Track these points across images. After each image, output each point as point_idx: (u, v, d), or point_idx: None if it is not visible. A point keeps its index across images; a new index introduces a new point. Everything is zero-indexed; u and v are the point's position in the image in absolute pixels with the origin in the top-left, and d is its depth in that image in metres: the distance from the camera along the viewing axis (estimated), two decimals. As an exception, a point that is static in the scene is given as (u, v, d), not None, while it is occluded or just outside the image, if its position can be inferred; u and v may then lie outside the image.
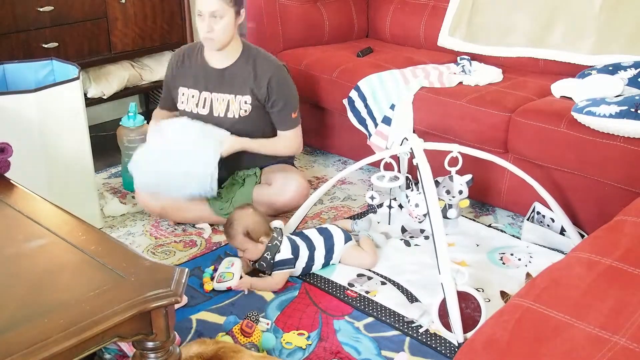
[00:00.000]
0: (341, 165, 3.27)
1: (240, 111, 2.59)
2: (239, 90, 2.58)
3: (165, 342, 1.41)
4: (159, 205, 2.61)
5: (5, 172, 1.96)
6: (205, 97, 2.62)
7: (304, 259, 2.32)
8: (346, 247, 2.39)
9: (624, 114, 2.21)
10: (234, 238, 2.30)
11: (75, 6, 3.25)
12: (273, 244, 2.29)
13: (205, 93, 2.62)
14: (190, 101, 2.64)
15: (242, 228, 2.28)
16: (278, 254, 2.28)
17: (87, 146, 2.57)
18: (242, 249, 2.31)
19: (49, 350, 1.21)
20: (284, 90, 2.60)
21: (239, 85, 2.58)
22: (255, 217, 2.31)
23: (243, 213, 2.32)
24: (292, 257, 2.29)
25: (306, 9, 3.37)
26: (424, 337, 2.04)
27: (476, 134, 2.61)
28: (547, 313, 1.34)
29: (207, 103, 2.61)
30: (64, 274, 1.47)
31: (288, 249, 2.30)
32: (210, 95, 2.61)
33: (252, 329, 1.96)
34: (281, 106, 2.60)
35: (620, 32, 2.72)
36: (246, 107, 2.59)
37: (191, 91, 2.64)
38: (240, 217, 2.30)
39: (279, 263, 2.28)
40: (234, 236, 2.29)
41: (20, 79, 2.63)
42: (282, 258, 2.28)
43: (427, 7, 3.35)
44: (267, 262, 2.29)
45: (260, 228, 2.29)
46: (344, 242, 2.39)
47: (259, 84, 2.56)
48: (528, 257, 2.43)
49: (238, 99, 2.58)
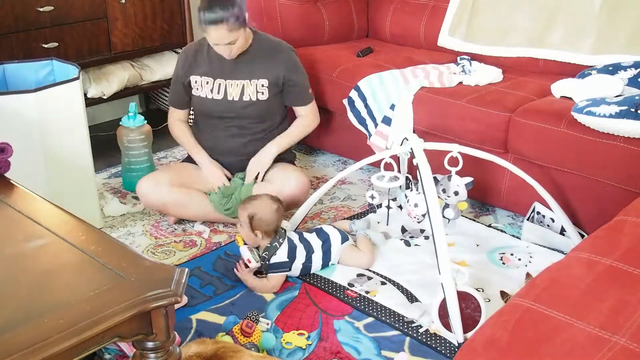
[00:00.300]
0: (341, 165, 3.27)
1: (257, 94, 2.67)
2: (254, 75, 2.67)
3: (165, 342, 1.41)
4: (161, 200, 2.61)
5: (5, 172, 1.96)
6: (219, 83, 2.69)
7: (301, 261, 2.32)
8: (343, 247, 2.39)
9: (624, 114, 2.21)
10: (241, 213, 2.34)
11: (75, 6, 3.24)
12: (272, 245, 2.29)
13: (219, 80, 2.69)
14: (205, 87, 2.71)
15: (250, 211, 2.30)
16: (274, 257, 2.28)
17: (87, 146, 2.57)
18: (239, 224, 2.36)
19: (49, 350, 1.21)
20: (299, 69, 2.76)
21: (254, 69, 2.67)
22: (271, 214, 2.32)
23: (263, 202, 2.34)
24: (288, 261, 2.29)
25: (306, 9, 3.37)
26: (424, 337, 2.04)
27: (476, 134, 2.61)
28: (547, 313, 1.33)
29: (221, 89, 2.68)
30: (64, 274, 1.47)
31: (285, 252, 2.30)
32: (225, 82, 2.68)
33: (252, 329, 1.96)
34: (300, 83, 2.75)
35: (620, 32, 2.71)
36: (263, 90, 2.67)
37: (205, 78, 2.70)
38: (261, 205, 2.32)
39: (274, 265, 2.28)
40: (243, 209, 2.33)
41: (20, 79, 2.63)
42: (277, 261, 2.28)
43: (427, 7, 3.35)
44: (263, 262, 2.29)
45: (264, 225, 2.30)
46: (341, 243, 2.39)
47: (275, 66, 2.67)
48: (528, 257, 2.43)
49: (254, 83, 2.67)
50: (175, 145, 3.40)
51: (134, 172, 2.96)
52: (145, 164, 3.01)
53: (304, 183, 2.63)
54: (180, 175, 2.67)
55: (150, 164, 3.05)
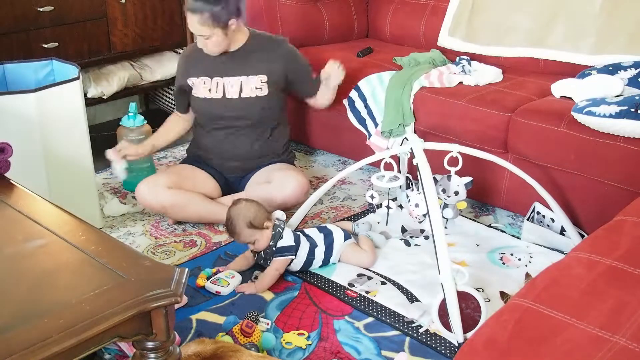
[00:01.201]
0: (341, 165, 3.27)
1: (256, 91, 2.67)
2: (251, 70, 2.67)
3: (165, 342, 1.41)
4: (159, 203, 2.61)
5: (5, 172, 1.96)
6: (217, 82, 2.69)
7: (305, 251, 2.32)
8: (345, 244, 2.39)
9: (624, 114, 2.21)
10: (240, 234, 2.29)
11: (75, 6, 3.24)
12: (276, 231, 2.30)
13: (216, 78, 2.69)
14: (202, 88, 2.71)
15: (243, 221, 2.27)
16: (280, 240, 2.29)
17: (87, 146, 2.57)
18: (251, 241, 2.30)
19: (49, 350, 1.21)
20: (299, 58, 2.78)
21: (251, 65, 2.67)
22: (251, 206, 2.31)
23: (239, 207, 2.31)
24: (294, 245, 2.30)
25: (306, 9, 3.37)
26: (424, 337, 2.04)
27: (476, 134, 2.61)
28: (547, 313, 1.34)
29: (219, 87, 2.69)
30: (64, 274, 1.47)
31: (290, 237, 2.31)
32: (222, 80, 2.68)
33: (252, 329, 1.96)
34: (305, 72, 2.79)
35: (620, 32, 2.71)
36: (262, 86, 2.67)
37: (202, 78, 2.70)
38: (238, 212, 2.30)
39: (281, 249, 2.28)
40: (239, 232, 2.29)
41: (20, 79, 2.63)
42: (284, 244, 2.29)
43: (427, 7, 3.35)
44: (269, 249, 2.29)
45: (261, 214, 2.30)
46: (343, 240, 2.39)
47: (273, 60, 2.69)
48: (528, 257, 2.43)
49: (252, 79, 2.66)
50: (175, 145, 3.40)
51: (134, 172, 2.96)
52: (146, 164, 3.01)
53: (304, 183, 2.63)
54: (179, 178, 2.67)
55: (150, 164, 3.05)
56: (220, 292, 2.24)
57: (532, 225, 2.51)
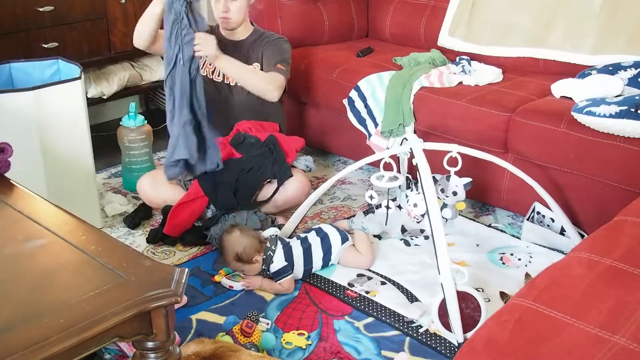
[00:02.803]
0: (341, 165, 3.27)
1: None
2: (248, 60, 2.74)
3: (165, 342, 1.41)
4: (161, 199, 2.61)
5: (5, 172, 1.96)
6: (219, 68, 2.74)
7: (300, 260, 2.31)
8: (343, 247, 2.39)
9: (624, 114, 2.21)
10: (229, 264, 2.32)
11: (75, 6, 3.24)
12: (266, 255, 2.29)
13: None
14: (207, 68, 2.77)
15: (232, 254, 2.28)
16: (272, 265, 2.27)
17: (88, 146, 2.57)
18: (239, 270, 2.32)
19: (49, 350, 1.21)
20: (277, 45, 2.78)
21: (250, 56, 2.76)
22: (242, 239, 2.28)
23: (232, 237, 2.30)
24: (287, 265, 2.28)
25: (306, 9, 3.37)
26: (424, 337, 2.04)
27: (476, 134, 2.61)
28: (547, 313, 1.34)
29: (221, 72, 2.76)
30: (64, 274, 1.47)
31: (281, 257, 2.28)
32: None
33: (252, 329, 1.96)
34: (270, 54, 2.75)
35: (620, 32, 2.71)
36: None
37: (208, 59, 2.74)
38: (228, 242, 2.29)
39: (276, 273, 2.27)
40: (228, 262, 2.31)
41: (27, 77, 2.63)
42: (277, 268, 2.27)
43: (427, 7, 3.35)
44: (264, 274, 2.30)
45: (249, 250, 2.27)
46: (341, 243, 2.39)
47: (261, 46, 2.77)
48: (528, 257, 2.43)
49: None
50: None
51: (134, 172, 2.96)
52: (146, 164, 3.01)
53: (304, 184, 2.63)
54: None
55: (150, 164, 3.05)
56: (233, 286, 2.27)
57: (532, 225, 2.51)
